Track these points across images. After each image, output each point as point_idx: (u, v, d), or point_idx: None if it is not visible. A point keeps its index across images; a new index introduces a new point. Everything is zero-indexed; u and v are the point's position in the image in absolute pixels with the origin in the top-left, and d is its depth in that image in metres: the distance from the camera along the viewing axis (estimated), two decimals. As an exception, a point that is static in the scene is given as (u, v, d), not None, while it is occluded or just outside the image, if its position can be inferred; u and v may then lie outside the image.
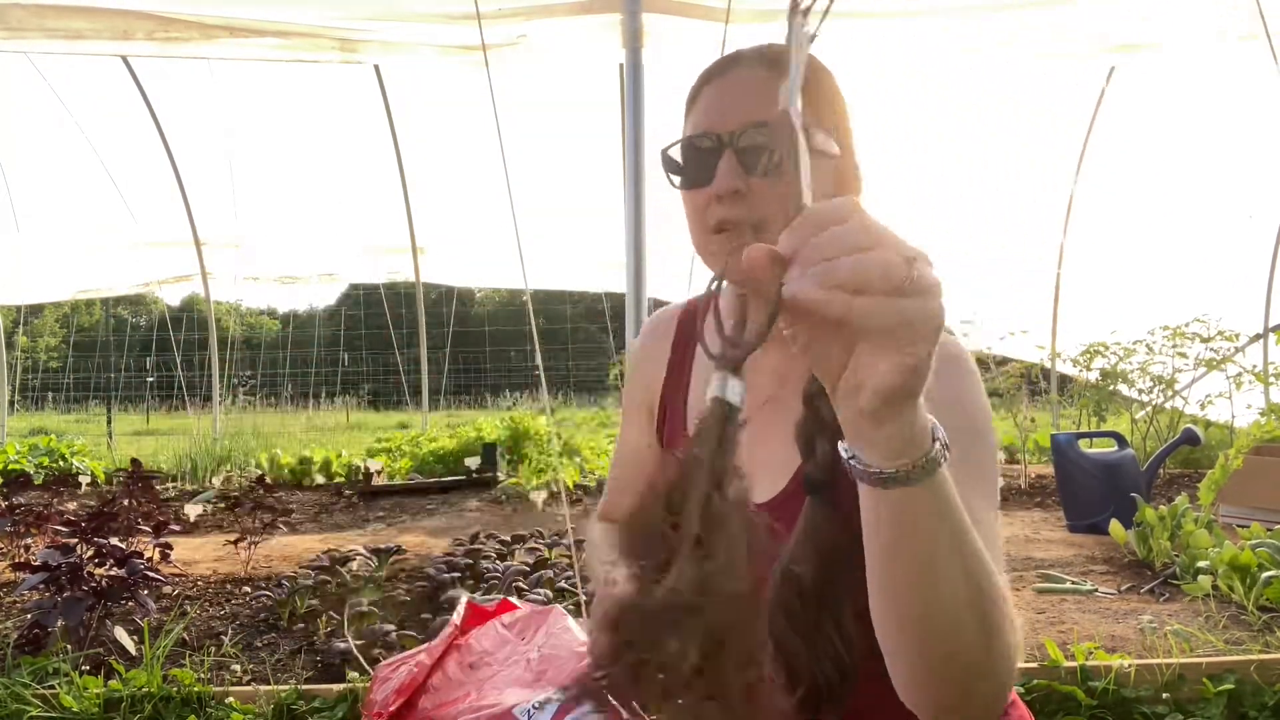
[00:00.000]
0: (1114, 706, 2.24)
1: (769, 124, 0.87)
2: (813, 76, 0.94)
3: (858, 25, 3.87)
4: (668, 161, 0.95)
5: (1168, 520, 3.51)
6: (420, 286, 8.18)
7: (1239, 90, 6.00)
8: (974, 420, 0.87)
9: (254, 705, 2.27)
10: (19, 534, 3.63)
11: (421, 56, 4.13)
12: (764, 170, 0.89)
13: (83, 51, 3.99)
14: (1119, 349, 6.43)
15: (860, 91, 6.64)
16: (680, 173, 0.95)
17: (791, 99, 0.61)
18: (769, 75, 0.91)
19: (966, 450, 0.82)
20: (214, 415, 8.19)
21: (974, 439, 0.86)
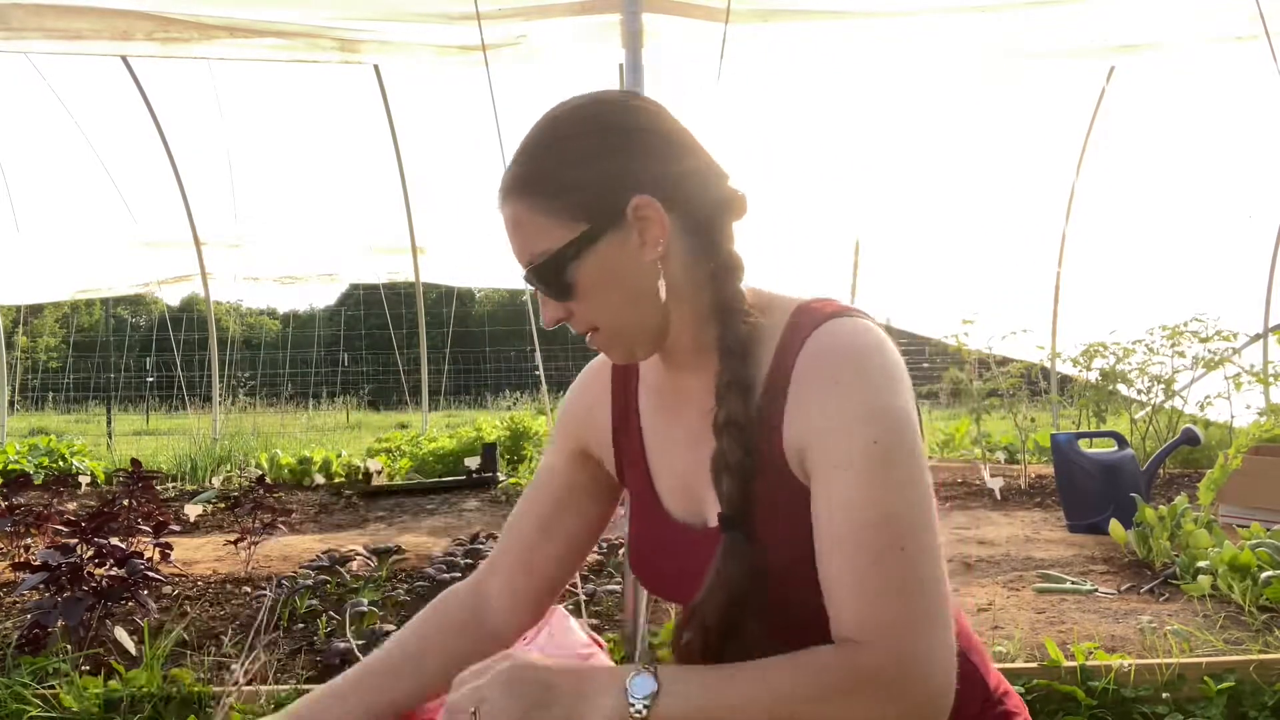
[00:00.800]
0: (1114, 706, 2.24)
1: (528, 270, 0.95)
2: (542, 175, 0.93)
3: (857, 25, 3.87)
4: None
5: (1167, 520, 3.52)
6: (420, 286, 8.18)
7: (1239, 90, 6.00)
8: (854, 444, 0.85)
9: (254, 705, 2.27)
10: (19, 534, 3.63)
11: (421, 56, 4.13)
12: (561, 296, 0.95)
13: (83, 51, 3.99)
14: (1118, 349, 6.43)
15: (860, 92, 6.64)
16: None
17: None
18: (515, 208, 0.94)
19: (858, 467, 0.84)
20: (214, 415, 8.19)
21: (853, 460, 0.85)
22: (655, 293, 0.93)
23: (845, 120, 6.65)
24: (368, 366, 18.96)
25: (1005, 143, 7.00)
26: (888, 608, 0.81)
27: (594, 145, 0.93)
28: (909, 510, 0.84)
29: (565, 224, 0.92)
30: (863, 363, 0.88)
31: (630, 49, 2.76)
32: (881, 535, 0.82)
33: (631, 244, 0.92)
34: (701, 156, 0.96)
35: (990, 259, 7.28)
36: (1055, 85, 6.65)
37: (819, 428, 0.87)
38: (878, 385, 0.87)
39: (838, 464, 0.85)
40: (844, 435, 0.85)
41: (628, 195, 0.91)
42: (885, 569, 0.82)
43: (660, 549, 1.05)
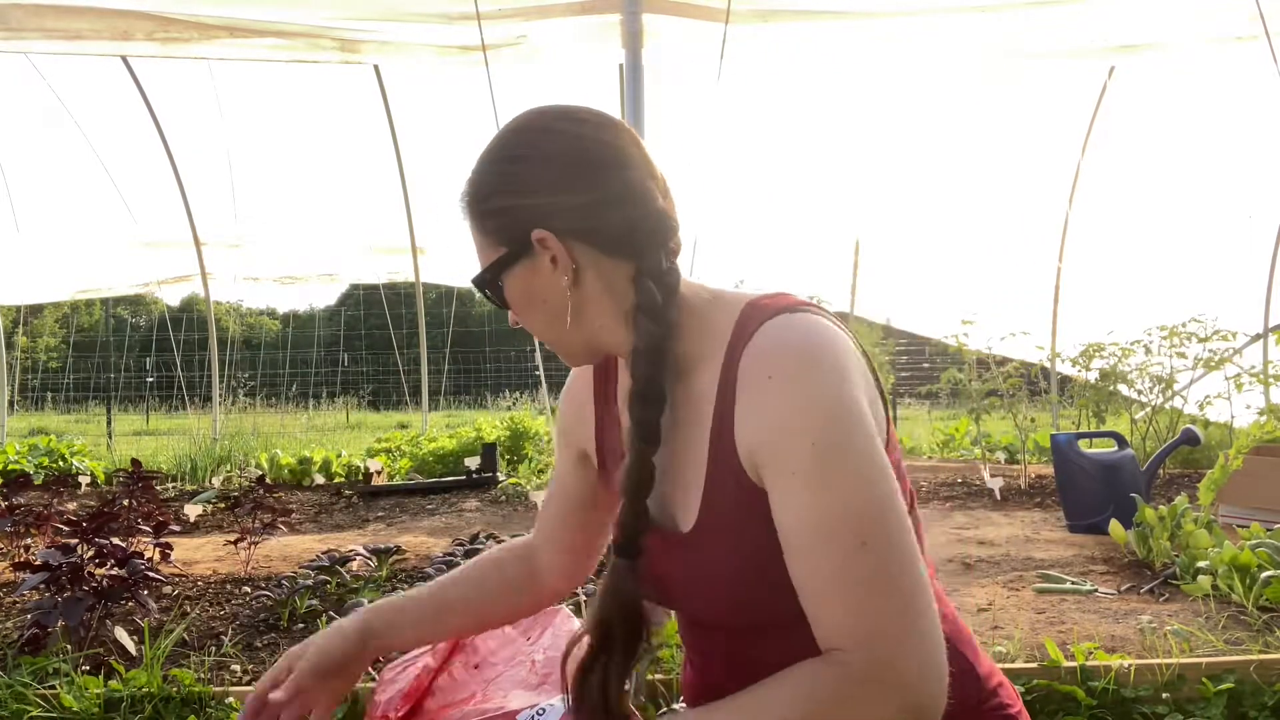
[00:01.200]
0: (1114, 706, 2.24)
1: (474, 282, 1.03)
2: (472, 206, 1.01)
3: (857, 25, 3.87)
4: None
5: (1167, 520, 3.52)
6: (420, 286, 8.19)
7: (1239, 90, 6.00)
8: (801, 450, 0.85)
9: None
10: (19, 534, 3.63)
11: (421, 56, 4.13)
12: (504, 305, 1.04)
13: (83, 51, 3.99)
14: (1118, 349, 6.43)
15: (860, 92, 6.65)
16: None
17: None
18: (471, 226, 1.03)
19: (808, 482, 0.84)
20: (214, 415, 8.19)
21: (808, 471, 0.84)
22: (573, 312, 0.99)
23: (845, 120, 6.65)
24: (368, 366, 18.96)
25: (1005, 143, 7.00)
26: (862, 609, 0.81)
27: (511, 175, 0.98)
28: (864, 505, 0.82)
29: (491, 244, 1.00)
30: (801, 360, 0.87)
31: (630, 49, 2.77)
32: (839, 536, 0.82)
33: (544, 269, 0.97)
34: (624, 185, 0.97)
35: (990, 259, 7.28)
36: (1055, 85, 6.65)
37: (764, 431, 0.87)
38: (816, 382, 0.85)
39: (785, 470, 0.85)
40: (786, 438, 0.85)
41: (532, 227, 0.96)
42: (850, 570, 0.81)
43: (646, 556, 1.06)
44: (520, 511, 5.02)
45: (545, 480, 5.58)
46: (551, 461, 6.00)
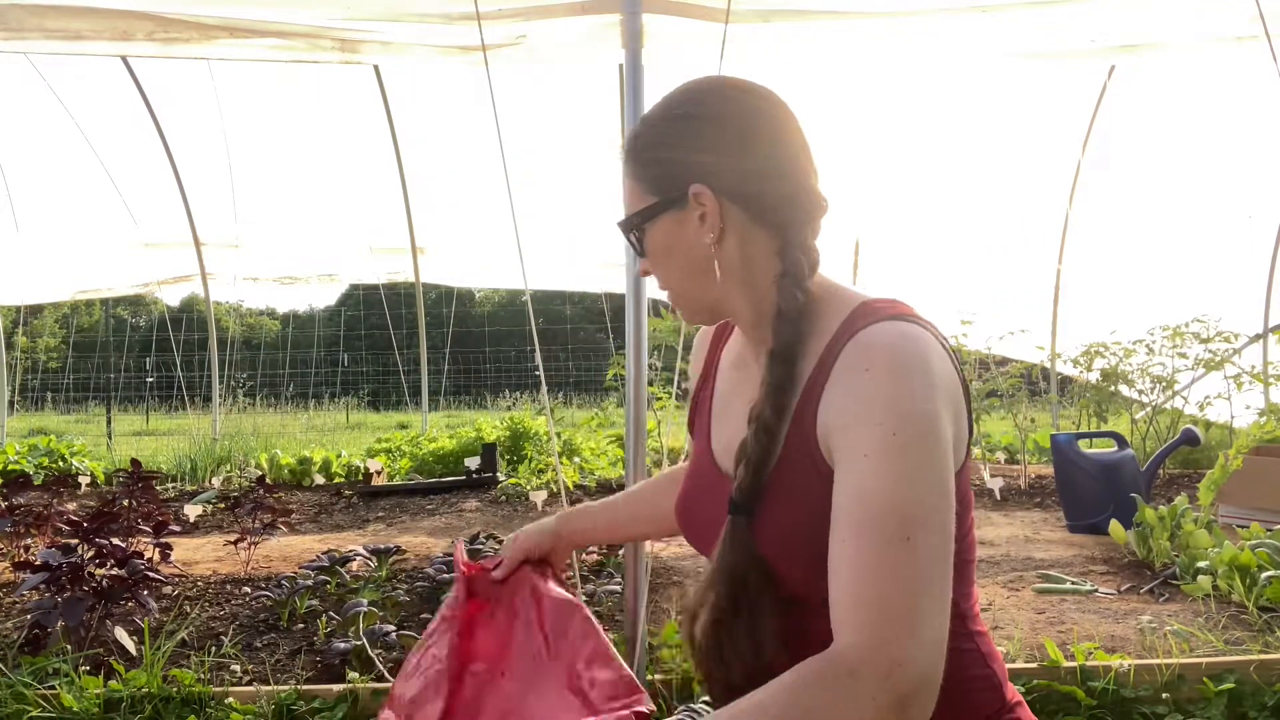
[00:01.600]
0: (1114, 706, 2.24)
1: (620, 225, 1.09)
2: (636, 150, 1.06)
3: (857, 25, 3.86)
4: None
5: (1167, 520, 3.52)
6: (420, 286, 8.18)
7: (1239, 90, 6.00)
8: (860, 439, 0.89)
9: (254, 705, 2.27)
10: (19, 534, 3.63)
11: (421, 56, 4.13)
12: (642, 253, 1.09)
13: (83, 52, 3.99)
14: (1119, 349, 6.43)
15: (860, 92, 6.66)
16: None
17: None
18: (624, 171, 1.08)
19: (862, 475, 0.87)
20: (214, 415, 8.19)
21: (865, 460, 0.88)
22: (710, 271, 1.03)
23: (845, 120, 6.64)
24: (368, 366, 18.95)
25: (1005, 143, 6.99)
26: (884, 598, 0.82)
27: (679, 129, 1.04)
28: (921, 506, 0.85)
29: (644, 192, 1.05)
30: (900, 362, 0.90)
31: (630, 49, 2.77)
32: (882, 524, 0.84)
33: (691, 224, 1.02)
34: (785, 158, 1.03)
35: (990, 259, 7.28)
36: (1055, 85, 6.65)
37: (848, 415, 0.91)
38: (909, 385, 0.89)
39: (858, 451, 0.88)
40: (868, 425, 0.88)
41: (690, 180, 1.01)
42: (889, 558, 0.83)
43: (704, 497, 1.12)
44: (520, 511, 5.02)
45: (545, 480, 5.57)
46: (551, 461, 6.00)
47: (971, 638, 1.01)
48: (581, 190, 7.00)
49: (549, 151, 6.61)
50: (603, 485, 5.87)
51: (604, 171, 6.70)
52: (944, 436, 0.89)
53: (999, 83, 6.36)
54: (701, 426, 1.17)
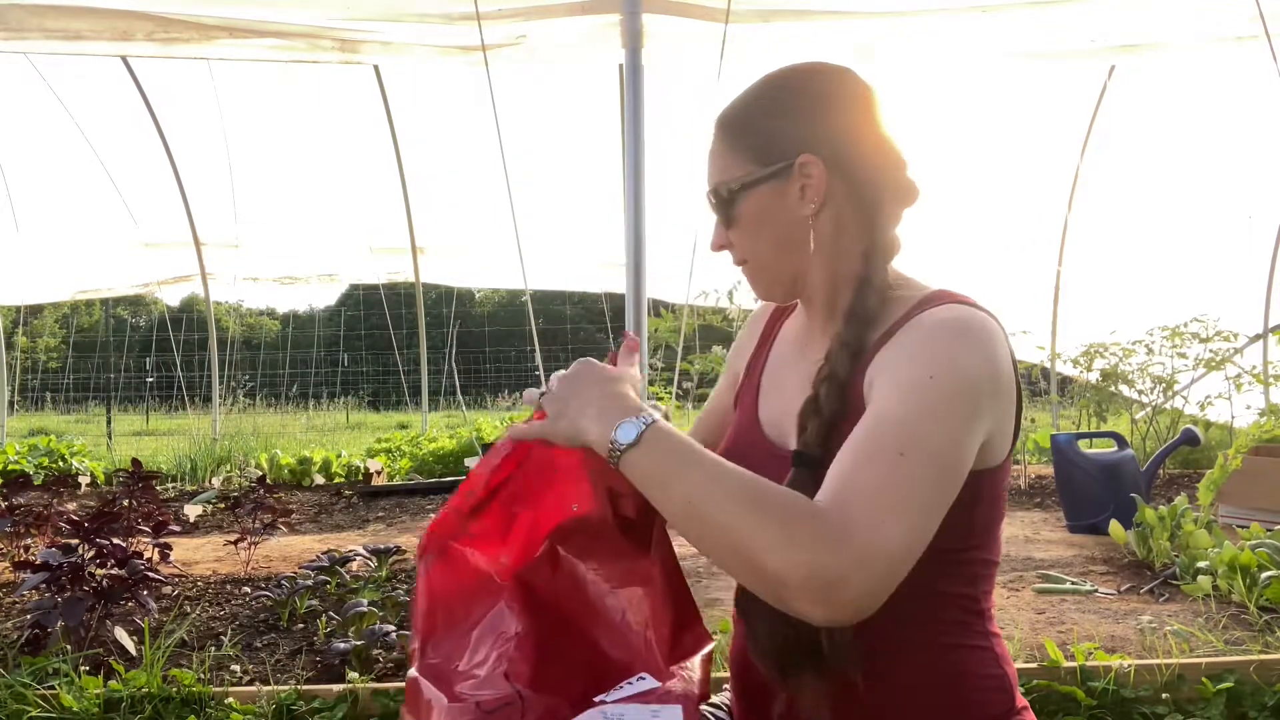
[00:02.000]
0: (1114, 707, 2.24)
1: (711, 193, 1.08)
2: (748, 114, 1.06)
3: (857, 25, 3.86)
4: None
5: (1167, 520, 3.52)
6: (420, 286, 8.18)
7: (1239, 90, 6.00)
8: (905, 378, 0.91)
9: (254, 705, 2.27)
10: (19, 534, 3.63)
11: (421, 56, 4.13)
12: (727, 224, 1.08)
13: (83, 52, 3.99)
14: (1119, 349, 6.43)
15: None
16: None
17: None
18: (718, 140, 1.08)
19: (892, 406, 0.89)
20: (214, 415, 8.19)
21: (902, 394, 0.91)
22: (803, 243, 1.04)
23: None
24: (368, 367, 18.95)
25: (1004, 142, 6.99)
26: (863, 488, 0.83)
27: (787, 102, 1.05)
28: (931, 434, 0.87)
29: (742, 162, 1.05)
30: (961, 330, 0.93)
31: (630, 49, 2.77)
32: (891, 434, 0.86)
33: (791, 195, 1.03)
34: (885, 142, 1.05)
35: (990, 259, 7.28)
36: (1055, 85, 6.64)
37: (896, 360, 0.94)
38: (962, 348, 0.92)
39: (894, 379, 0.92)
40: (911, 364, 0.91)
41: (798, 150, 1.01)
42: (881, 462, 0.85)
43: (745, 461, 1.08)
44: (520, 512, 5.01)
45: (545, 480, 5.57)
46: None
47: (987, 637, 1.01)
48: (581, 190, 7.00)
49: (549, 151, 6.61)
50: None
51: (604, 171, 6.70)
52: (980, 403, 0.90)
53: (999, 83, 6.36)
54: (747, 400, 1.18)
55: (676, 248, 2.56)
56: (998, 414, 0.94)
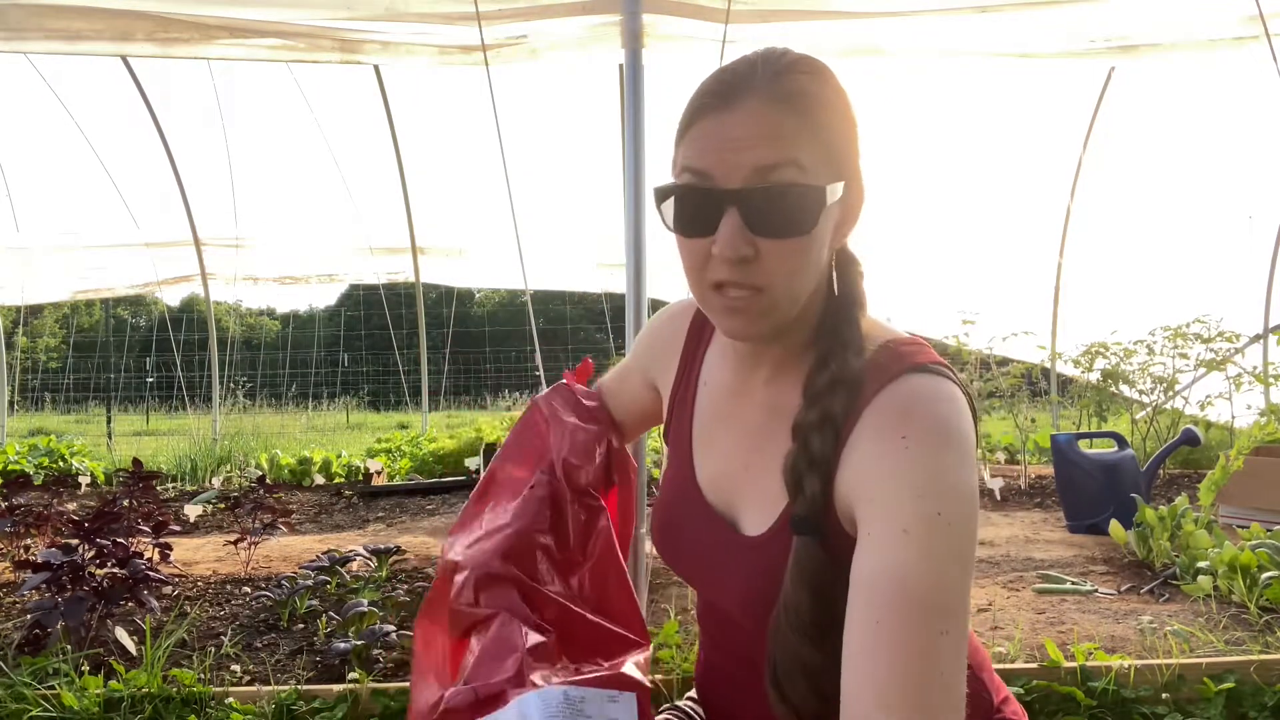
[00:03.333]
0: (1114, 707, 2.24)
1: (775, 171, 0.84)
2: (821, 103, 0.88)
3: (857, 25, 3.86)
4: (660, 196, 0.90)
5: (1168, 521, 3.52)
6: (420, 286, 8.18)
7: (1239, 90, 6.00)
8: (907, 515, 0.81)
9: (254, 705, 2.27)
10: (19, 534, 3.63)
11: (421, 57, 4.13)
12: (774, 230, 0.85)
13: (83, 52, 3.99)
14: (1119, 349, 6.43)
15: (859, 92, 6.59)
16: (675, 216, 0.89)
17: None
18: (779, 111, 0.85)
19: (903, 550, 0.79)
20: (214, 416, 8.19)
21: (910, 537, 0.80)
22: (815, 275, 0.90)
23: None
24: (368, 367, 18.94)
25: (1005, 143, 7.00)
26: (926, 702, 0.76)
27: (846, 115, 0.90)
28: (957, 596, 0.80)
29: (825, 166, 0.87)
30: (944, 437, 0.83)
31: (630, 49, 2.77)
32: (931, 617, 0.78)
33: (834, 220, 0.90)
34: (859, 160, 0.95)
35: (990, 259, 7.28)
36: (1055, 86, 6.65)
37: (882, 484, 0.82)
38: (951, 459, 0.82)
39: (895, 524, 0.80)
40: (909, 497, 0.81)
41: (850, 172, 0.90)
42: (930, 655, 0.77)
43: (686, 528, 1.03)
44: (520, 512, 5.01)
45: (545, 480, 5.56)
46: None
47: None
48: (581, 190, 7.00)
49: (549, 151, 6.61)
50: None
51: (604, 172, 6.70)
52: (977, 509, 0.84)
53: (999, 83, 6.37)
54: (680, 441, 1.07)
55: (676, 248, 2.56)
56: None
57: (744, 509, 0.97)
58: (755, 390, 0.98)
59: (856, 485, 0.84)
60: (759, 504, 0.94)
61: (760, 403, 0.97)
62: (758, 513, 0.94)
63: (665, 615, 2.91)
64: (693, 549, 1.01)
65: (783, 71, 0.86)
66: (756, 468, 0.95)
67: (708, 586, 1.02)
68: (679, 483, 1.05)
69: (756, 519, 0.95)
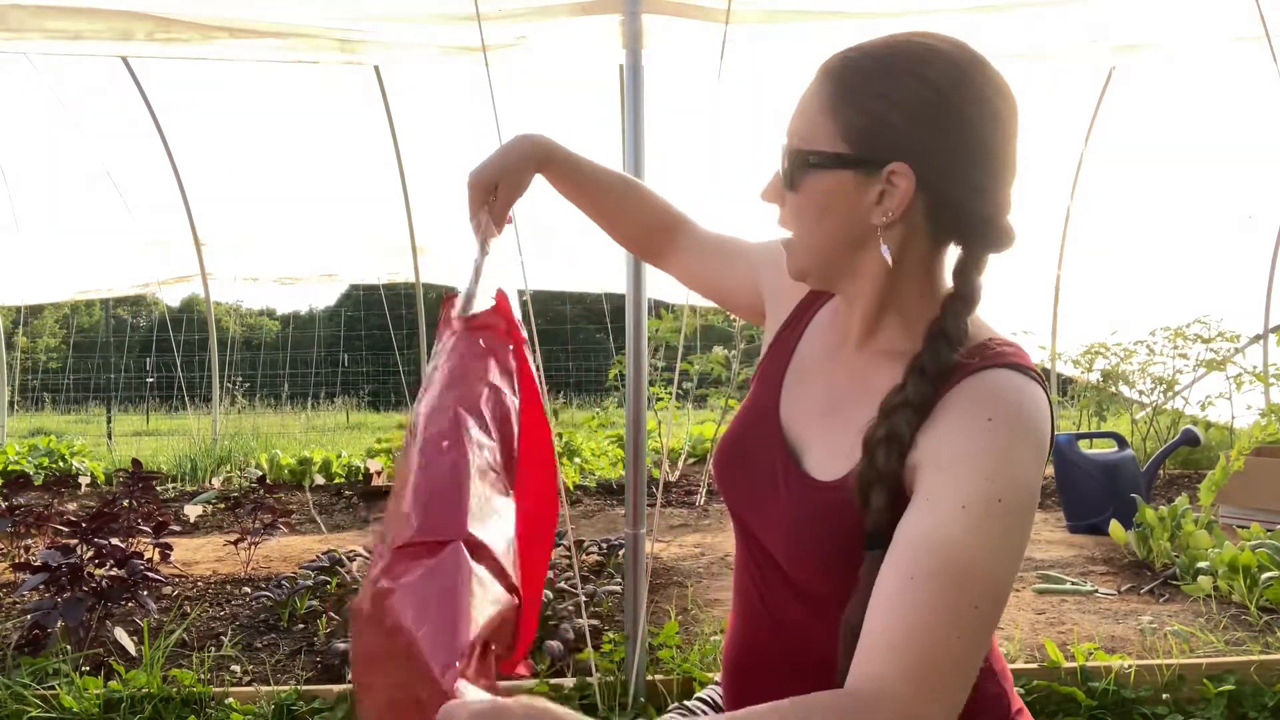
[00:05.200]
0: (1114, 707, 2.24)
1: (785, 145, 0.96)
2: (874, 80, 0.91)
3: (859, 26, 3.86)
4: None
5: (1168, 521, 3.52)
6: (420, 286, 8.18)
7: (1239, 90, 6.00)
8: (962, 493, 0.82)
9: (254, 705, 2.27)
10: (19, 534, 3.63)
11: (421, 57, 4.13)
12: (786, 185, 0.96)
13: (83, 52, 3.99)
14: (1120, 350, 6.43)
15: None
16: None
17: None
18: (819, 90, 0.94)
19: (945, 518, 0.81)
20: (214, 416, 8.19)
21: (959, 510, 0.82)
22: (859, 245, 0.94)
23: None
24: (368, 367, 18.92)
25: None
26: (934, 656, 0.78)
27: (909, 94, 0.90)
28: (998, 579, 0.81)
29: (834, 132, 0.92)
30: (1024, 425, 0.85)
31: (630, 50, 2.76)
32: (967, 588, 0.79)
33: (867, 196, 0.92)
34: (997, 178, 0.93)
35: (990, 258, 7.28)
36: (1055, 86, 6.65)
37: (955, 455, 0.84)
38: (1026, 453, 0.84)
39: (956, 497, 0.82)
40: (977, 476, 0.82)
41: (894, 154, 0.90)
42: (955, 620, 0.79)
43: (755, 453, 1.05)
44: (520, 512, 5.01)
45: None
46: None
47: (987, 658, 1.00)
48: (582, 190, 7.00)
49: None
50: (603, 485, 5.87)
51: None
52: (1035, 508, 0.85)
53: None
54: (772, 376, 1.10)
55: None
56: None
57: (813, 453, 1.00)
58: (847, 355, 1.03)
59: (931, 453, 0.86)
60: (832, 453, 0.97)
61: (847, 365, 1.01)
62: (828, 461, 0.97)
63: (666, 615, 2.91)
64: (754, 475, 1.03)
65: (847, 52, 0.96)
66: (835, 422, 0.99)
67: (758, 517, 1.02)
68: (759, 410, 1.08)
69: (823, 466, 0.97)
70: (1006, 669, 1.04)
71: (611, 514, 5.01)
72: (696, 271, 1.31)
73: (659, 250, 1.35)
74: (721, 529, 4.50)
